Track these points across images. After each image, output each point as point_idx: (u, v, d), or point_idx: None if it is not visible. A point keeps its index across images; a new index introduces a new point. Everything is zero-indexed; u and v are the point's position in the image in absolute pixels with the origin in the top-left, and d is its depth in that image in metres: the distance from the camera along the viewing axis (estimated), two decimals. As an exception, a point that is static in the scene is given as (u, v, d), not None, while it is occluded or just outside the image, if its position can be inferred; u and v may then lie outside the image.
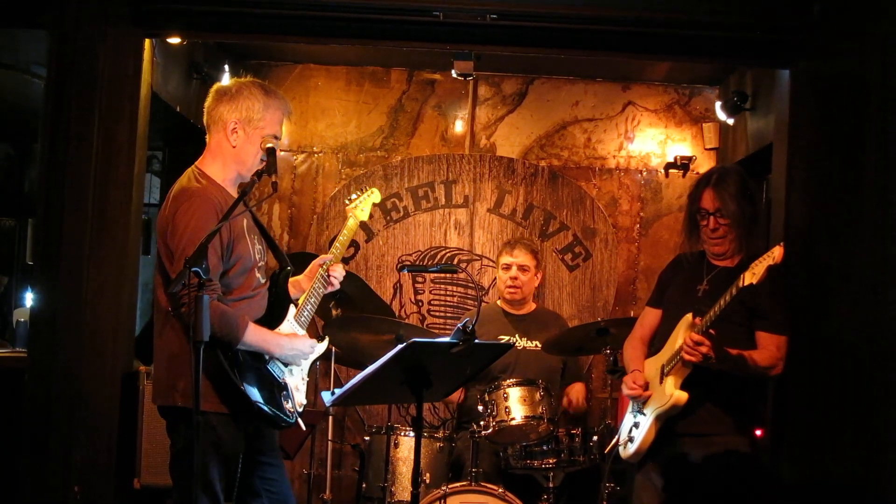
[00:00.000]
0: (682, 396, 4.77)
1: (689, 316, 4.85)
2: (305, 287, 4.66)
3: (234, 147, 4.35)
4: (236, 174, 4.38)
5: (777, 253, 4.43)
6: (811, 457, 5.30)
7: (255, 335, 4.23)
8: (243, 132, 4.34)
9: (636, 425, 4.99)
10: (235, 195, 4.29)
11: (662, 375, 4.88)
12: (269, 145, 4.29)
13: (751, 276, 4.47)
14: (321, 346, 4.67)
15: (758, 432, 5.28)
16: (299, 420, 4.49)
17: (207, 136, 4.45)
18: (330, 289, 4.72)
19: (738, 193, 4.94)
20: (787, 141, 5.72)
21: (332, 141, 8.09)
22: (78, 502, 5.47)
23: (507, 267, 6.62)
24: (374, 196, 5.09)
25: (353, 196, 5.04)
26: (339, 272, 4.73)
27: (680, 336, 4.84)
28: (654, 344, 5.18)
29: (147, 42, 5.90)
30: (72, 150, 5.50)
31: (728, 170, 5.14)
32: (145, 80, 5.92)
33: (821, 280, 5.26)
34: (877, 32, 4.99)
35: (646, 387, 4.98)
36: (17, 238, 9.62)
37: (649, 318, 5.28)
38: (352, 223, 4.95)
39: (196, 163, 4.40)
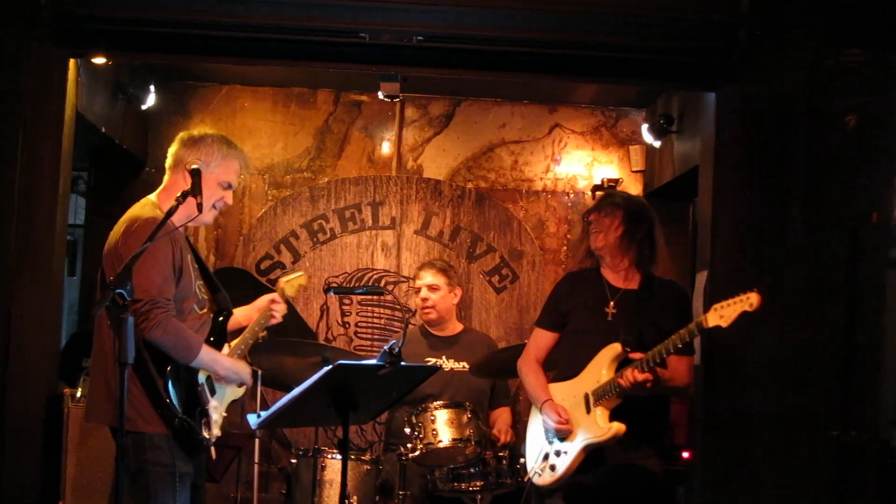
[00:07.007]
0: (622, 428, 4.77)
1: (617, 346, 4.85)
2: (243, 321, 4.85)
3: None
4: (185, 215, 4.44)
5: (755, 300, 4.36)
6: (723, 485, 5.37)
7: (206, 355, 4.46)
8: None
9: (557, 453, 4.96)
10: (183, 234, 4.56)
11: (589, 405, 4.87)
12: (195, 166, 4.34)
13: (717, 319, 4.43)
14: (241, 390, 4.85)
15: (685, 454, 5.32)
16: (212, 448, 4.64)
17: (165, 176, 4.65)
18: (272, 321, 4.88)
19: (619, 224, 4.99)
20: (713, 163, 5.79)
21: (258, 162, 8.02)
22: (1, 526, 5.41)
23: (418, 290, 6.67)
24: (302, 278, 5.19)
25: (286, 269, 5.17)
26: (281, 308, 4.89)
27: (606, 366, 4.84)
28: (560, 367, 5.16)
29: (72, 62, 5.84)
30: (-6, 169, 5.46)
31: (610, 202, 5.13)
32: (70, 100, 5.85)
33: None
34: (802, 56, 5.06)
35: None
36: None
37: (545, 339, 5.22)
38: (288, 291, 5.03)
39: (151, 195, 4.58)
